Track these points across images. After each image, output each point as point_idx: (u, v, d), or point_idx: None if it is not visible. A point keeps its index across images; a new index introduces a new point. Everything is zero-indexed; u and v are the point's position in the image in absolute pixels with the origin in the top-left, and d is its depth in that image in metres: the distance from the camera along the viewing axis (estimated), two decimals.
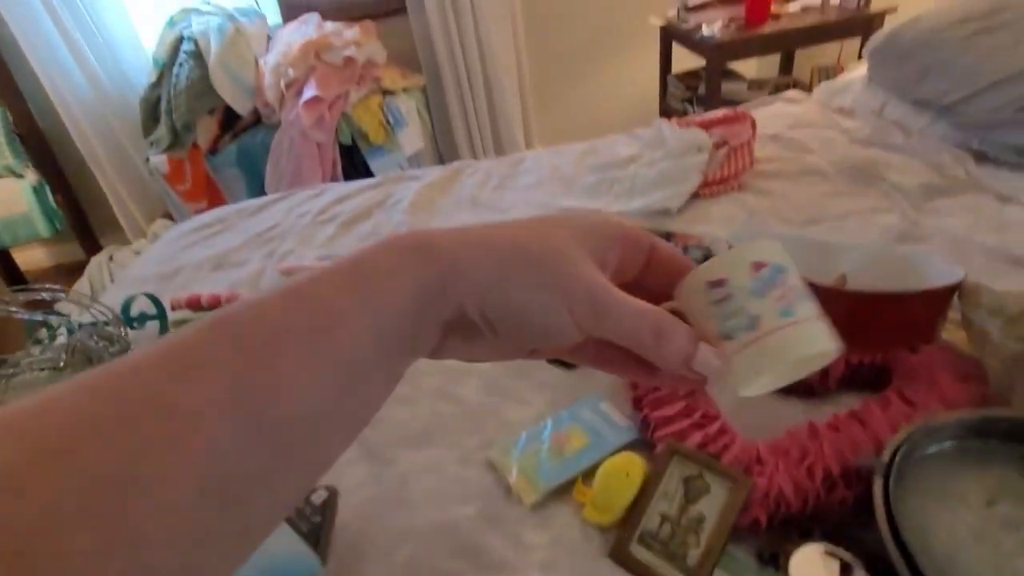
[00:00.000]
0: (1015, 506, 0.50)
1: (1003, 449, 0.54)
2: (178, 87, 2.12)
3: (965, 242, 0.89)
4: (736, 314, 0.25)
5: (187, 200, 2.32)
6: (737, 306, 0.25)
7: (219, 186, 2.37)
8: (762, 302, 0.25)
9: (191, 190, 2.31)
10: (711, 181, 1.15)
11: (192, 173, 2.30)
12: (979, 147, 1.12)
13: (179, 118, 2.13)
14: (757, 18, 1.84)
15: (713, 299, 0.26)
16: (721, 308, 0.26)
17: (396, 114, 2.21)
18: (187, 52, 2.13)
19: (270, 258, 1.21)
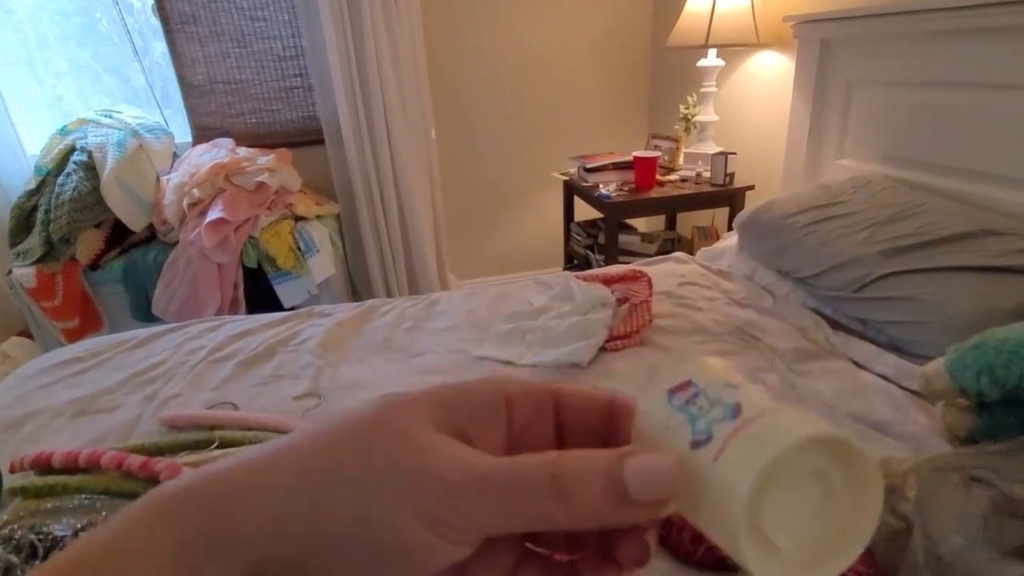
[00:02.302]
0: None
1: None
2: (61, 197, 1.98)
3: (833, 407, 1.00)
4: (709, 409, 0.20)
5: (55, 317, 2.07)
6: (709, 400, 0.20)
7: (96, 304, 2.16)
8: (738, 391, 0.21)
9: (61, 307, 2.08)
10: (615, 336, 1.23)
11: (64, 288, 2.08)
12: (832, 315, 1.30)
13: (57, 230, 1.97)
14: (645, 184, 2.11)
15: (678, 404, 0.21)
16: (688, 410, 0.20)
17: (307, 240, 2.19)
18: (78, 163, 2.02)
19: (150, 403, 1.09)
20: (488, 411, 0.21)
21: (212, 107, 2.40)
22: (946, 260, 1.10)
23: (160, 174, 2.17)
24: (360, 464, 0.18)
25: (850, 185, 1.47)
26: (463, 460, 0.18)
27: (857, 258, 1.21)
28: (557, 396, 0.22)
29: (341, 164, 2.39)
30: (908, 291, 1.11)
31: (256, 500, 0.19)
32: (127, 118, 2.21)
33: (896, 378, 1.06)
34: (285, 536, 0.18)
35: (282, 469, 0.19)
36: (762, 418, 0.19)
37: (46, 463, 0.88)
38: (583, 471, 0.18)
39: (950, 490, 0.73)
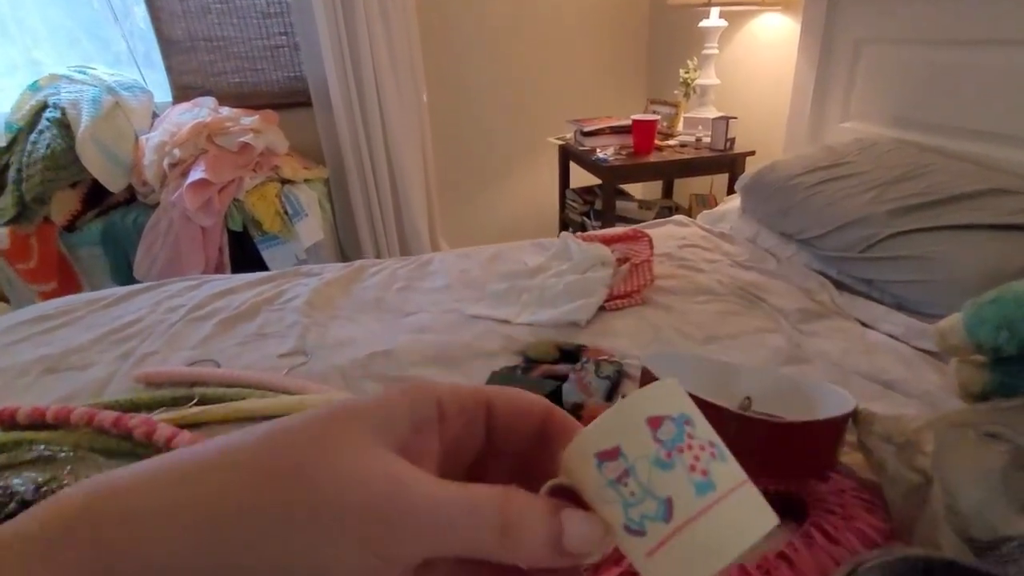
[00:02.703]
0: None
1: None
2: (34, 155, 1.88)
3: (841, 366, 0.97)
4: (641, 499, 0.20)
5: (31, 280, 2.00)
6: (640, 486, 0.20)
7: (74, 267, 2.08)
8: (671, 475, 0.20)
9: (37, 269, 2.00)
10: (615, 295, 1.19)
11: (40, 250, 2.00)
12: (837, 277, 1.27)
13: (31, 189, 1.88)
14: (644, 148, 2.05)
15: (608, 478, 0.20)
16: (620, 490, 0.20)
17: (295, 204, 2.12)
18: (51, 120, 1.92)
19: (125, 361, 1.03)
20: (426, 423, 0.20)
21: (193, 65, 2.30)
22: (956, 219, 1.06)
23: (139, 133, 2.07)
24: (289, 497, 0.17)
25: (855, 146, 1.42)
26: (410, 488, 0.17)
27: (864, 217, 1.16)
28: (490, 404, 0.22)
29: (329, 127, 2.30)
30: (916, 250, 1.07)
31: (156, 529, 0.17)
32: (102, 75, 2.10)
33: (905, 337, 1.03)
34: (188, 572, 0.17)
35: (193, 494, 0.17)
36: (694, 528, 0.20)
37: (10, 419, 0.82)
38: (530, 517, 0.18)
39: (967, 445, 0.70)
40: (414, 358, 1.01)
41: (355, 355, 1.02)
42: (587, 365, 0.95)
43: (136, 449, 0.80)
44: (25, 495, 0.59)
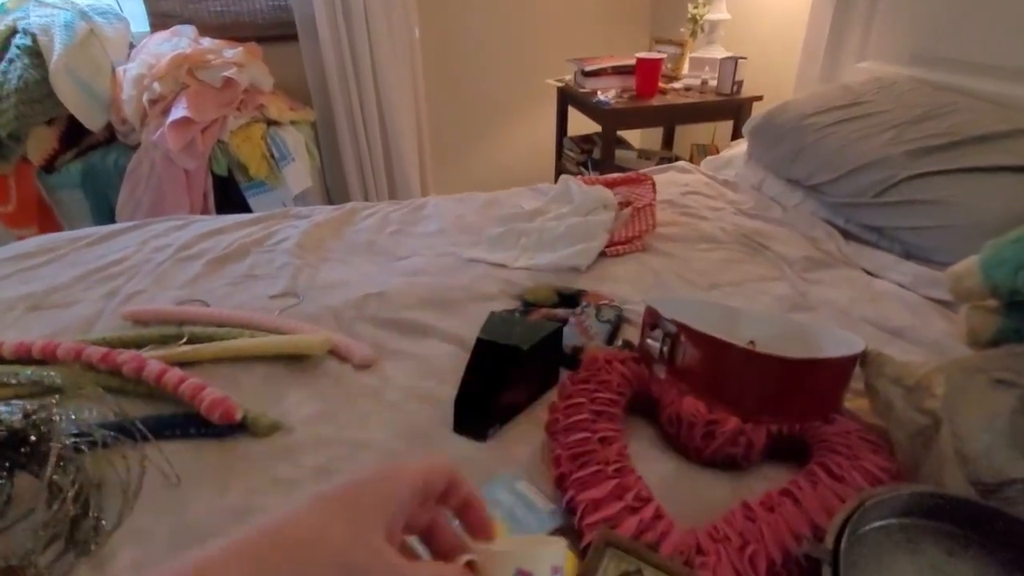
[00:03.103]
0: None
1: (929, 527, 0.53)
2: (6, 88, 1.78)
3: (848, 314, 0.95)
4: None
5: (11, 225, 1.93)
6: None
7: (55, 211, 2.01)
8: None
9: (16, 213, 1.93)
10: (617, 241, 1.16)
11: (18, 192, 1.93)
12: (844, 226, 1.23)
13: (5, 124, 1.78)
14: (647, 91, 1.97)
15: None
16: None
17: (281, 147, 2.04)
18: (21, 47, 1.81)
19: (111, 299, 1.00)
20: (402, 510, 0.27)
21: None
22: (978, 160, 1.02)
23: (115, 65, 1.96)
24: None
25: (874, 85, 1.36)
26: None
27: (881, 160, 1.12)
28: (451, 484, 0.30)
29: (316, 63, 2.19)
30: (934, 194, 1.03)
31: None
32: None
33: (913, 286, 1.01)
34: None
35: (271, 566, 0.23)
36: None
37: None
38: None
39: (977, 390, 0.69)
40: (408, 300, 0.98)
41: (348, 296, 0.99)
42: (587, 309, 0.93)
43: (125, 386, 0.78)
44: (13, 423, 0.56)
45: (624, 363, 0.73)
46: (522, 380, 0.75)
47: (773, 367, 0.62)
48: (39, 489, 0.51)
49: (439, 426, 0.73)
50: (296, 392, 0.78)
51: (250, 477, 0.65)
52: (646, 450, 0.68)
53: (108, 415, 0.63)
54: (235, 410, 0.69)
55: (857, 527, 0.50)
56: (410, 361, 0.85)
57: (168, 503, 0.61)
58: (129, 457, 0.60)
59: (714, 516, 0.57)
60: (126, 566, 0.55)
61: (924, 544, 0.52)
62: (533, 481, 0.63)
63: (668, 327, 0.70)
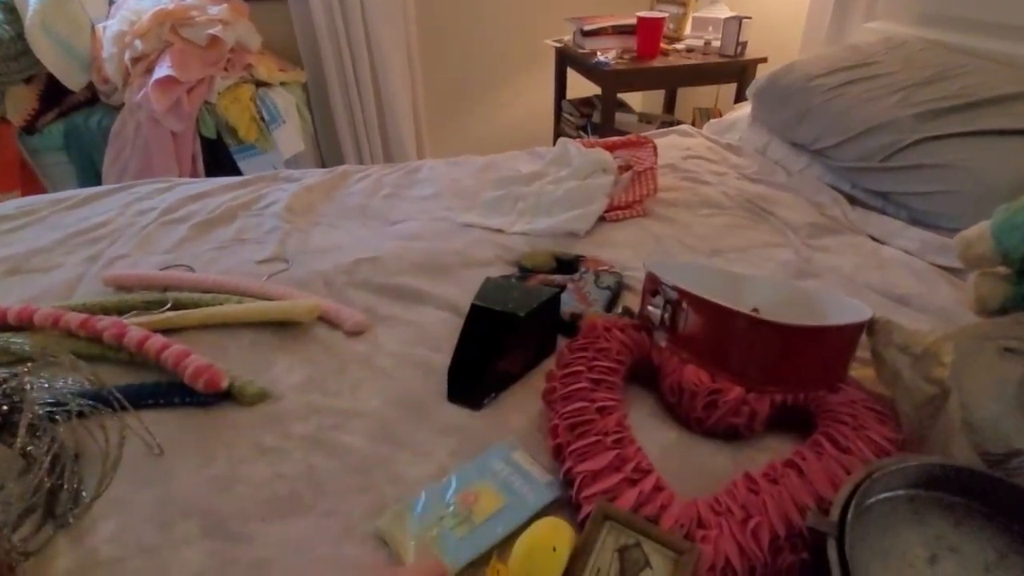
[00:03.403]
0: (955, 563, 0.48)
1: (936, 498, 0.52)
2: None
3: (853, 281, 0.93)
4: None
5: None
6: None
7: (38, 174, 1.95)
8: None
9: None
10: (617, 206, 1.12)
11: None
12: (850, 191, 1.20)
13: None
14: (648, 51, 1.90)
15: None
16: None
17: (271, 109, 1.97)
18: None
19: (93, 263, 0.96)
20: None
21: None
22: (990, 123, 0.99)
23: (94, 21, 1.88)
24: None
25: (882, 46, 1.30)
26: None
27: (889, 122, 1.08)
28: None
29: (306, 22, 2.10)
30: (943, 158, 1.00)
31: None
32: None
33: (920, 253, 0.98)
34: None
35: None
36: None
37: None
38: None
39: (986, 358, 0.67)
40: (402, 265, 0.95)
41: (339, 261, 0.96)
42: (586, 275, 0.90)
43: (107, 353, 0.75)
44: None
45: (624, 331, 0.71)
46: (518, 348, 0.73)
47: (779, 335, 0.60)
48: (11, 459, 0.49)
49: (433, 394, 0.70)
50: (285, 359, 0.76)
51: (236, 446, 0.63)
52: (646, 419, 0.67)
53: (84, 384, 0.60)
54: (220, 378, 0.67)
55: (863, 499, 0.49)
56: (403, 328, 0.82)
57: (151, 473, 0.59)
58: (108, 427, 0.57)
59: (715, 487, 0.55)
60: (106, 538, 0.53)
61: (930, 515, 0.51)
62: (530, 451, 0.62)
63: (670, 294, 0.67)
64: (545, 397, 0.66)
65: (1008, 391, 0.63)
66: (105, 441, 0.56)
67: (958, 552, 0.49)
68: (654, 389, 0.70)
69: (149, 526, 0.54)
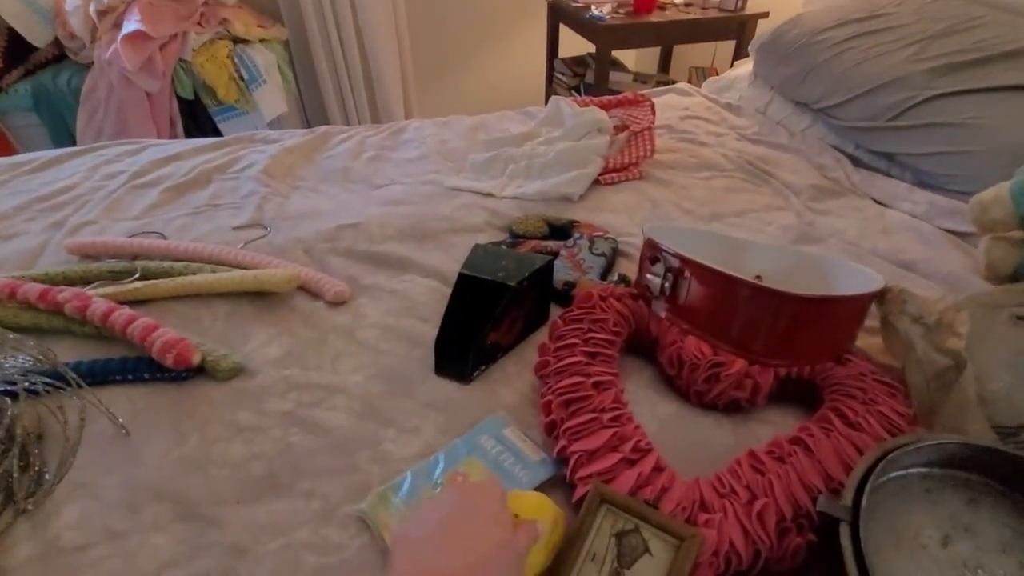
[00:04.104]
0: (969, 543, 0.45)
1: (950, 476, 0.49)
2: None
3: (857, 245, 0.89)
4: None
5: None
6: None
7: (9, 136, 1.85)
8: None
9: None
10: (612, 168, 1.07)
11: None
12: (853, 152, 1.15)
13: None
14: (645, 6, 1.81)
15: None
16: None
17: (251, 68, 1.87)
18: None
19: (57, 231, 0.91)
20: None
21: None
22: (1007, 79, 0.93)
23: None
24: None
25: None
26: None
27: (901, 78, 1.02)
28: None
29: None
30: (957, 116, 0.95)
31: None
32: None
33: (927, 216, 0.94)
34: None
35: None
36: None
37: None
38: None
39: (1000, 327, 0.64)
40: (387, 232, 0.90)
41: (320, 228, 0.90)
42: (580, 241, 0.85)
43: (70, 326, 0.70)
44: None
45: (620, 300, 0.67)
46: (509, 318, 0.69)
47: (788, 305, 0.56)
48: None
49: (419, 368, 0.67)
50: (262, 331, 0.71)
51: (210, 425, 0.59)
52: (643, 392, 0.63)
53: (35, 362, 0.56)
54: (191, 352, 0.63)
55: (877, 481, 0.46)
56: (387, 297, 0.78)
57: (118, 455, 0.55)
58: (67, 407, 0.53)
59: (716, 462, 0.52)
60: (71, 523, 0.50)
61: (943, 495, 0.48)
62: (521, 428, 0.58)
63: (671, 261, 0.63)
64: (538, 371, 0.62)
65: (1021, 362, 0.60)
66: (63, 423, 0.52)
67: (972, 532, 0.46)
68: (652, 360, 0.67)
69: (116, 511, 0.51)
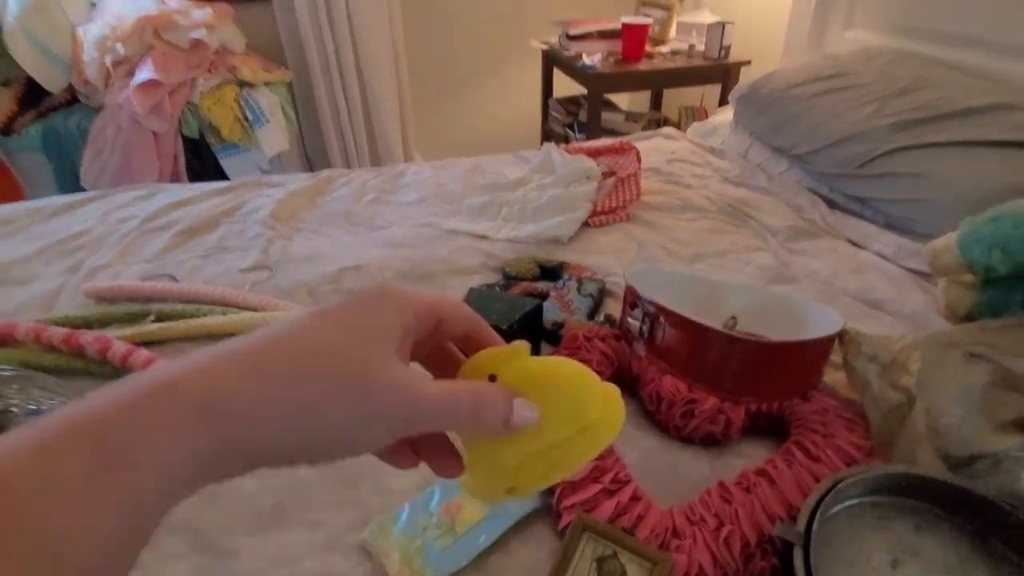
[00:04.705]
0: (916, 566, 0.50)
1: (898, 504, 0.54)
2: None
3: (830, 285, 0.95)
4: None
5: None
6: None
7: (15, 174, 1.92)
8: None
9: None
10: (600, 211, 1.13)
11: None
12: (829, 195, 1.22)
13: None
14: (633, 55, 1.92)
15: None
16: None
17: (255, 109, 1.96)
18: None
19: (73, 274, 0.96)
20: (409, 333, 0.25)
21: None
22: (958, 134, 1.01)
23: (75, 25, 1.85)
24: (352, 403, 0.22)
25: (859, 56, 1.33)
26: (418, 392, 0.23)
27: (863, 132, 1.10)
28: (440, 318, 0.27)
29: (291, 23, 2.09)
30: (915, 167, 1.02)
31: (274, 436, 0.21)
32: None
33: (895, 257, 1.00)
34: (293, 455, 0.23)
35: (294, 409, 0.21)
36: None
37: None
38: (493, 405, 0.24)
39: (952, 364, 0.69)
40: (387, 274, 0.96)
41: (323, 270, 0.96)
42: (568, 283, 0.91)
43: (90, 367, 0.75)
44: None
45: (604, 340, 0.72)
46: None
47: (752, 350, 0.62)
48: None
49: None
50: None
51: None
52: (626, 425, 0.68)
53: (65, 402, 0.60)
54: None
55: (828, 508, 0.51)
56: None
57: None
58: None
59: (694, 492, 0.57)
60: None
61: (893, 521, 0.53)
62: None
63: (647, 307, 0.68)
64: None
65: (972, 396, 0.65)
66: None
67: (919, 555, 0.51)
68: (634, 396, 0.72)
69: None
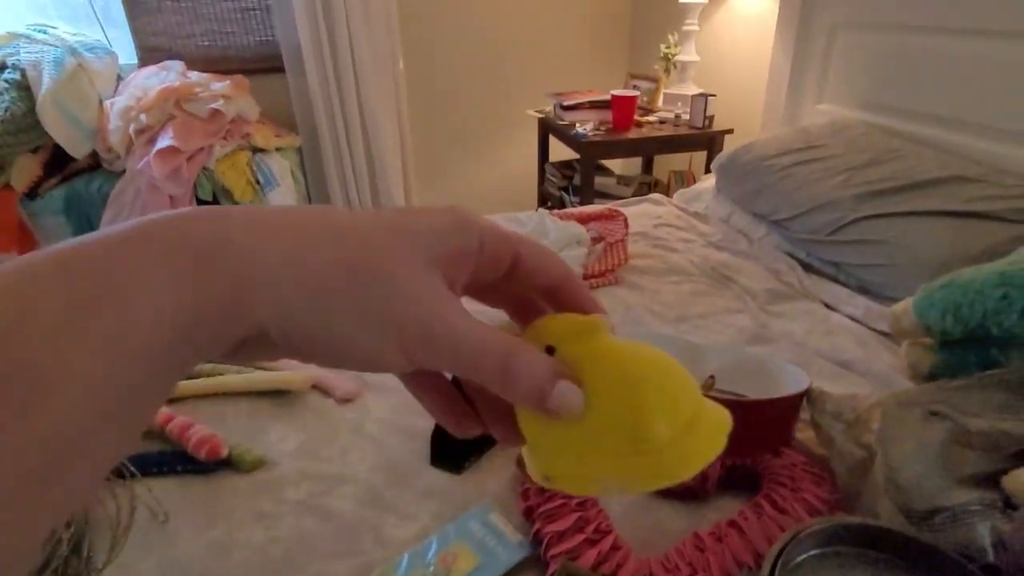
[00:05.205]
0: None
1: (859, 554, 0.59)
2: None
3: (804, 346, 1.01)
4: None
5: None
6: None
7: (36, 236, 2.02)
8: None
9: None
10: (590, 275, 1.21)
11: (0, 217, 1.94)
12: (806, 259, 1.31)
13: None
14: (623, 124, 2.06)
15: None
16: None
17: (266, 173, 2.08)
18: (9, 81, 1.84)
19: None
20: (465, 255, 0.22)
21: (160, 26, 2.20)
22: (919, 204, 1.11)
23: (103, 97, 2.00)
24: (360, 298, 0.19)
25: (829, 129, 1.45)
26: (445, 316, 0.20)
27: (832, 201, 1.20)
28: (518, 256, 0.23)
29: (302, 94, 2.25)
30: (881, 235, 1.11)
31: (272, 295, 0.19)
32: (64, 35, 2.01)
33: (864, 319, 1.07)
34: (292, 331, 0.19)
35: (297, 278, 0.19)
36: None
37: None
38: (531, 372, 0.20)
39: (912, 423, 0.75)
40: None
41: None
42: None
43: None
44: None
45: None
46: None
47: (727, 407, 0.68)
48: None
49: (416, 459, 0.77)
50: (279, 426, 0.82)
51: (235, 512, 0.68)
52: None
53: None
54: (221, 447, 0.73)
55: (792, 557, 0.56)
56: (391, 395, 0.89)
57: (156, 539, 0.64)
58: (119, 495, 0.63)
59: (673, 543, 0.61)
60: None
61: (854, 570, 0.58)
62: (504, 512, 0.68)
63: None
64: (519, 463, 0.72)
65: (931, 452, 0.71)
66: (116, 508, 0.62)
67: None
68: None
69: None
